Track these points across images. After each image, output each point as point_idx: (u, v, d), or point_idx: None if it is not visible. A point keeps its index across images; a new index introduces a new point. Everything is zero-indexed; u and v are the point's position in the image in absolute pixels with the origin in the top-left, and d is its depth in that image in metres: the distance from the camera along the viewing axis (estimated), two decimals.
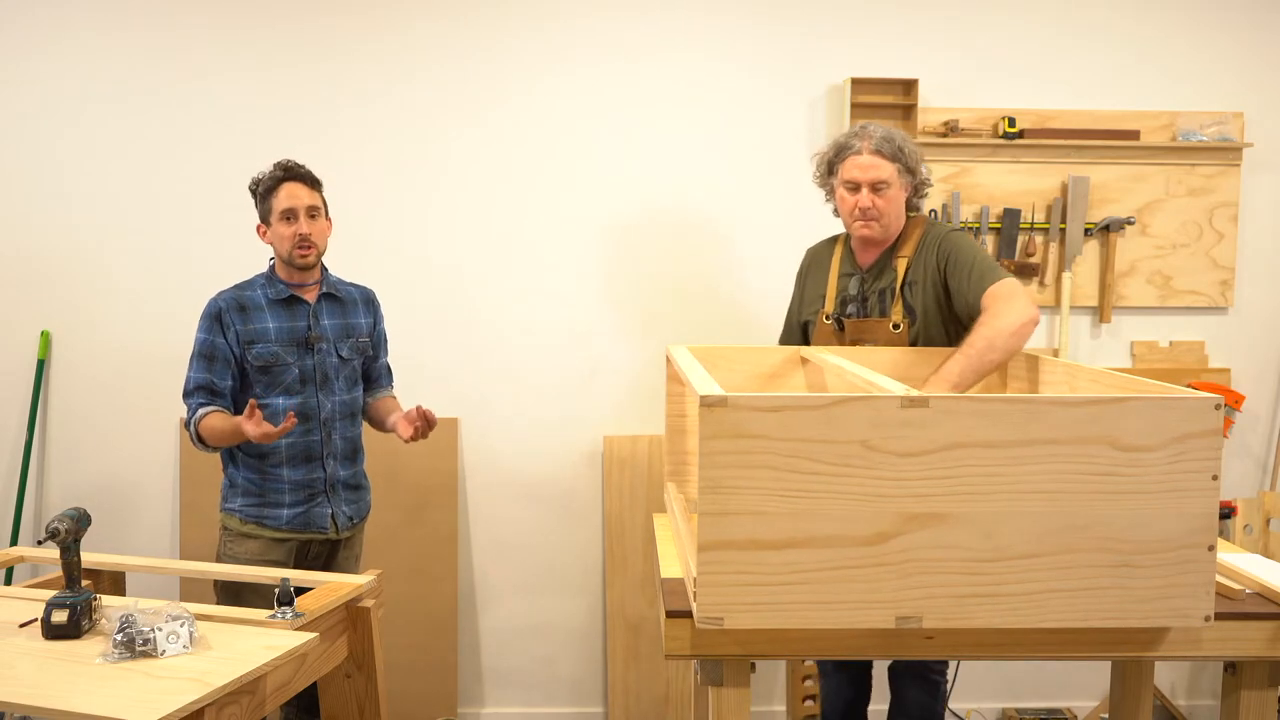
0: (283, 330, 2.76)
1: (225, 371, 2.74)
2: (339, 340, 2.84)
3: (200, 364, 2.74)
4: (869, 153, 2.64)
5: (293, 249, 2.73)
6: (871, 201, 2.64)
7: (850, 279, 2.78)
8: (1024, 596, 1.69)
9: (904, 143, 2.68)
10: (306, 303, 2.81)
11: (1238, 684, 1.87)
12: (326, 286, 2.85)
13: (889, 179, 2.64)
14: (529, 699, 3.69)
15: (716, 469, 1.64)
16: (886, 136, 2.66)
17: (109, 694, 1.80)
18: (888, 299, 2.71)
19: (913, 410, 1.65)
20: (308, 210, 2.74)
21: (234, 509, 2.78)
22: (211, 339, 2.73)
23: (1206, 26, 3.58)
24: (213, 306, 2.76)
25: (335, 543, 2.88)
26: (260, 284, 2.80)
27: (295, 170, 2.76)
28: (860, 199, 2.65)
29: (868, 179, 2.64)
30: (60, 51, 3.49)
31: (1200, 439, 1.68)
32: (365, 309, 2.95)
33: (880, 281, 2.73)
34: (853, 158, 2.66)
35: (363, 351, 2.91)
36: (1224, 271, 3.61)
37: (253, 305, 2.76)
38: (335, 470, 2.82)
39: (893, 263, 2.72)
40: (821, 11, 3.54)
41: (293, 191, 2.73)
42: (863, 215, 2.66)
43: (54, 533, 2.11)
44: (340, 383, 2.84)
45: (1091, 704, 3.65)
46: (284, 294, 2.78)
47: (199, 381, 2.74)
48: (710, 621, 1.67)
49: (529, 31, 3.52)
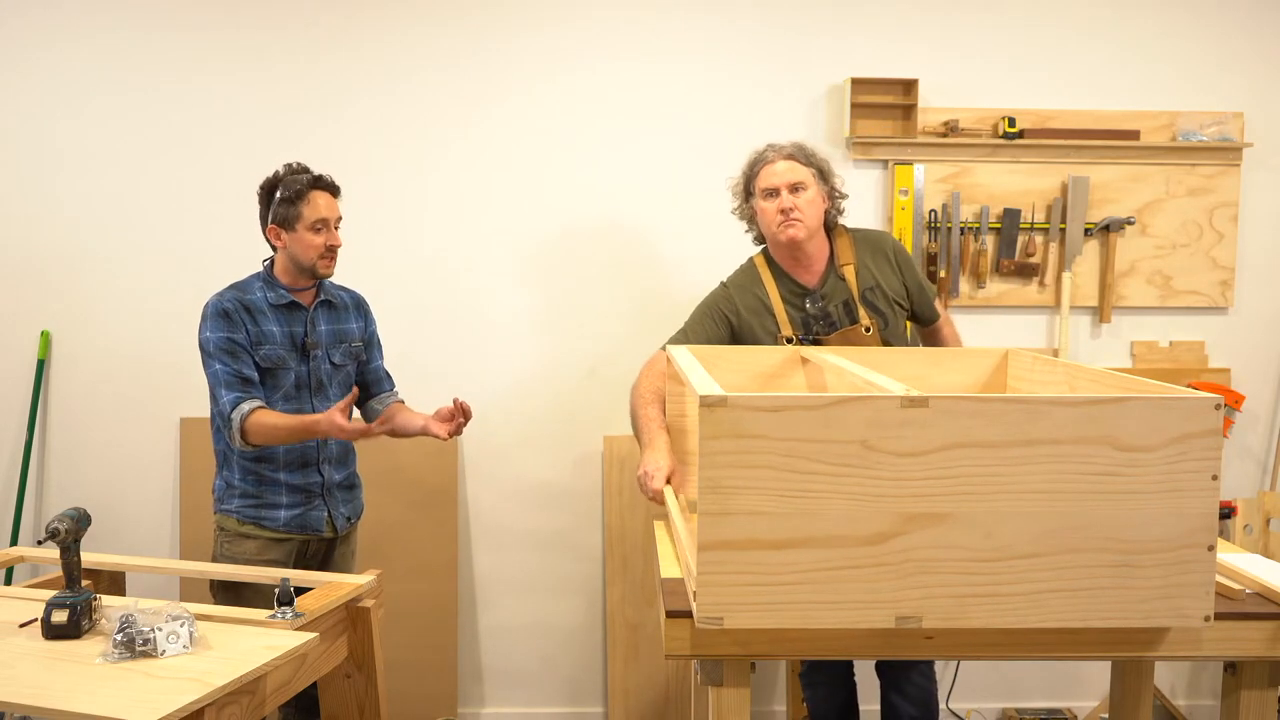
0: (284, 335, 2.75)
1: (251, 363, 2.68)
2: (332, 346, 2.82)
3: (225, 360, 2.64)
4: (782, 159, 2.73)
5: (319, 258, 2.72)
6: (792, 203, 2.69)
7: (804, 299, 2.78)
8: (1024, 596, 1.69)
9: (814, 151, 2.79)
10: (305, 308, 2.79)
11: (1238, 684, 1.87)
12: (323, 293, 2.83)
13: (805, 180, 2.71)
14: (529, 699, 3.69)
15: (716, 469, 1.64)
16: (797, 145, 2.77)
17: (109, 694, 1.80)
18: (853, 308, 2.75)
19: (912, 410, 1.65)
20: (337, 221, 2.75)
21: (230, 510, 2.76)
22: (229, 335, 2.66)
23: (1206, 26, 3.58)
24: (219, 306, 2.69)
25: (332, 540, 2.88)
26: (259, 287, 2.76)
27: (324, 179, 2.75)
28: (781, 201, 2.69)
29: (785, 182, 2.70)
30: (60, 51, 3.49)
31: (1200, 439, 1.68)
32: (356, 314, 2.93)
33: (837, 296, 2.77)
34: (767, 168, 2.74)
35: (355, 357, 2.90)
36: (1224, 271, 3.61)
37: (255, 307, 2.73)
38: (331, 474, 2.82)
39: (839, 274, 2.78)
40: (821, 12, 3.54)
41: (325, 201, 2.72)
42: (786, 216, 2.69)
43: (54, 533, 2.11)
44: (334, 388, 2.83)
45: (1091, 704, 3.65)
46: (285, 299, 2.76)
47: (230, 376, 2.64)
48: (710, 622, 1.67)
49: (528, 33, 3.52)
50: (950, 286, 3.57)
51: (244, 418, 2.60)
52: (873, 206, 3.58)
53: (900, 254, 2.86)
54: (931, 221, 3.55)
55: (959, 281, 3.57)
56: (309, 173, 2.74)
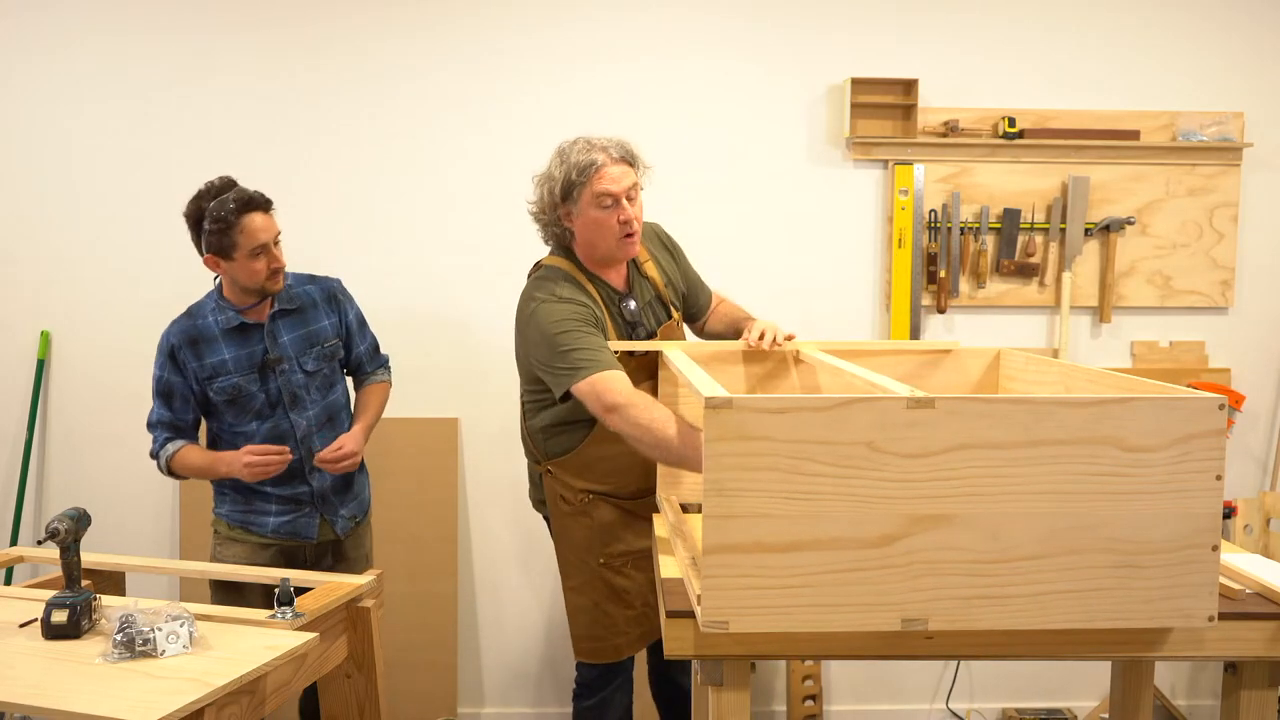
0: (240, 359, 2.66)
1: (186, 408, 2.69)
2: (301, 354, 2.72)
3: (159, 402, 2.69)
4: (614, 162, 2.43)
5: (265, 280, 2.61)
6: (633, 215, 2.45)
7: (619, 303, 2.58)
8: (1029, 598, 1.69)
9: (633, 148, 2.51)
10: (259, 325, 2.68)
11: (1238, 684, 1.87)
12: (280, 302, 2.70)
13: (638, 184, 2.49)
14: (529, 699, 3.69)
15: (721, 471, 1.63)
16: (619, 142, 2.48)
17: (109, 694, 1.79)
18: (664, 303, 2.67)
19: (918, 411, 1.64)
20: (276, 238, 2.61)
21: (222, 514, 2.78)
22: (166, 377, 2.66)
23: (1206, 26, 3.58)
24: (164, 342, 2.67)
25: (338, 543, 2.86)
26: (210, 309, 2.68)
27: (254, 199, 2.56)
28: (622, 212, 2.43)
29: (623, 189, 2.43)
30: (61, 52, 3.48)
31: (1204, 439, 1.68)
32: (328, 308, 2.80)
33: (645, 293, 2.64)
34: (602, 172, 2.41)
35: (332, 356, 2.79)
36: (1224, 271, 3.61)
37: (205, 336, 2.65)
38: (321, 481, 2.77)
39: (641, 271, 2.65)
40: (821, 11, 3.53)
41: (259, 224, 2.55)
42: (627, 230, 2.45)
43: (54, 533, 2.11)
44: (312, 395, 2.74)
45: (1092, 704, 3.66)
46: (234, 321, 2.66)
47: (161, 418, 2.69)
48: (715, 625, 1.66)
49: (525, 32, 3.51)
50: (950, 286, 3.57)
51: (168, 459, 2.69)
52: (873, 207, 3.58)
53: (671, 240, 2.75)
54: (931, 221, 3.55)
55: (959, 281, 3.57)
56: (234, 191, 2.55)
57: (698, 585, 1.71)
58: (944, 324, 3.61)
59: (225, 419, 2.70)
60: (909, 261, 3.55)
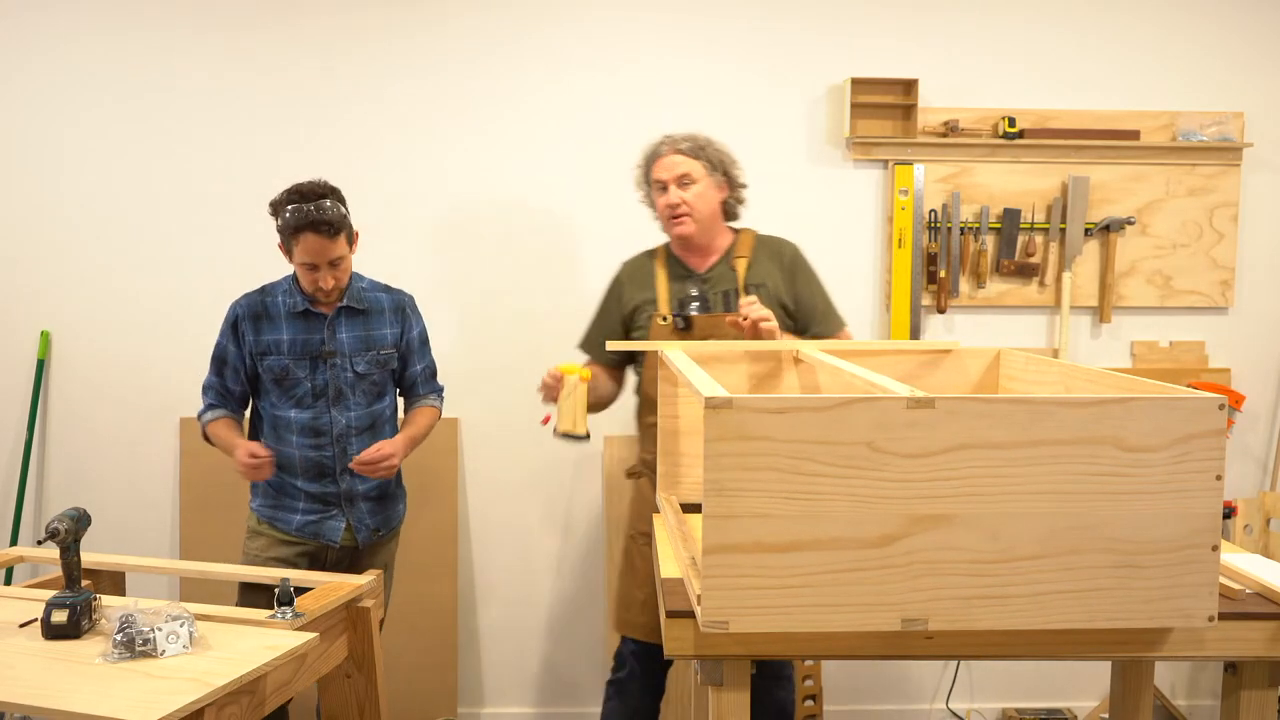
0: (297, 342, 2.73)
1: (235, 378, 2.80)
2: (356, 354, 2.76)
3: (214, 366, 2.81)
4: (671, 153, 2.74)
5: (315, 291, 2.70)
6: (680, 198, 2.70)
7: (686, 282, 2.79)
8: (1029, 598, 1.69)
9: (708, 143, 2.76)
10: (323, 315, 2.75)
11: (1238, 684, 1.87)
12: (347, 299, 2.77)
13: (692, 173, 2.71)
14: (529, 699, 3.69)
15: (721, 471, 1.63)
16: (688, 137, 2.76)
17: (109, 694, 1.79)
18: (732, 299, 2.74)
19: (919, 411, 1.64)
20: (329, 264, 2.65)
21: (255, 507, 2.84)
22: (225, 345, 2.79)
23: (1206, 26, 3.58)
24: (231, 313, 2.78)
25: (356, 552, 2.86)
26: (284, 290, 2.78)
27: (315, 221, 2.58)
28: (669, 197, 2.72)
29: (672, 176, 2.72)
30: (61, 52, 3.48)
31: (1204, 439, 1.68)
32: (394, 317, 2.85)
33: (721, 284, 2.77)
34: (659, 161, 2.75)
35: (385, 364, 2.82)
36: (1224, 271, 3.61)
37: (270, 314, 2.74)
38: (353, 484, 2.79)
39: (730, 265, 2.78)
40: (821, 11, 3.54)
41: (312, 245, 2.60)
42: (673, 212, 2.72)
43: (54, 533, 2.11)
44: (357, 397, 2.78)
45: (1091, 704, 3.66)
46: (301, 306, 2.74)
47: (211, 383, 2.82)
48: (715, 625, 1.66)
49: (526, 32, 3.52)
50: (950, 286, 3.57)
51: (206, 424, 2.82)
52: (873, 206, 3.58)
53: (798, 264, 2.84)
54: (931, 221, 3.55)
55: (959, 281, 3.57)
56: (306, 205, 2.58)
57: (698, 585, 1.70)
58: (944, 324, 3.61)
59: (270, 398, 2.77)
60: (909, 261, 3.55)
